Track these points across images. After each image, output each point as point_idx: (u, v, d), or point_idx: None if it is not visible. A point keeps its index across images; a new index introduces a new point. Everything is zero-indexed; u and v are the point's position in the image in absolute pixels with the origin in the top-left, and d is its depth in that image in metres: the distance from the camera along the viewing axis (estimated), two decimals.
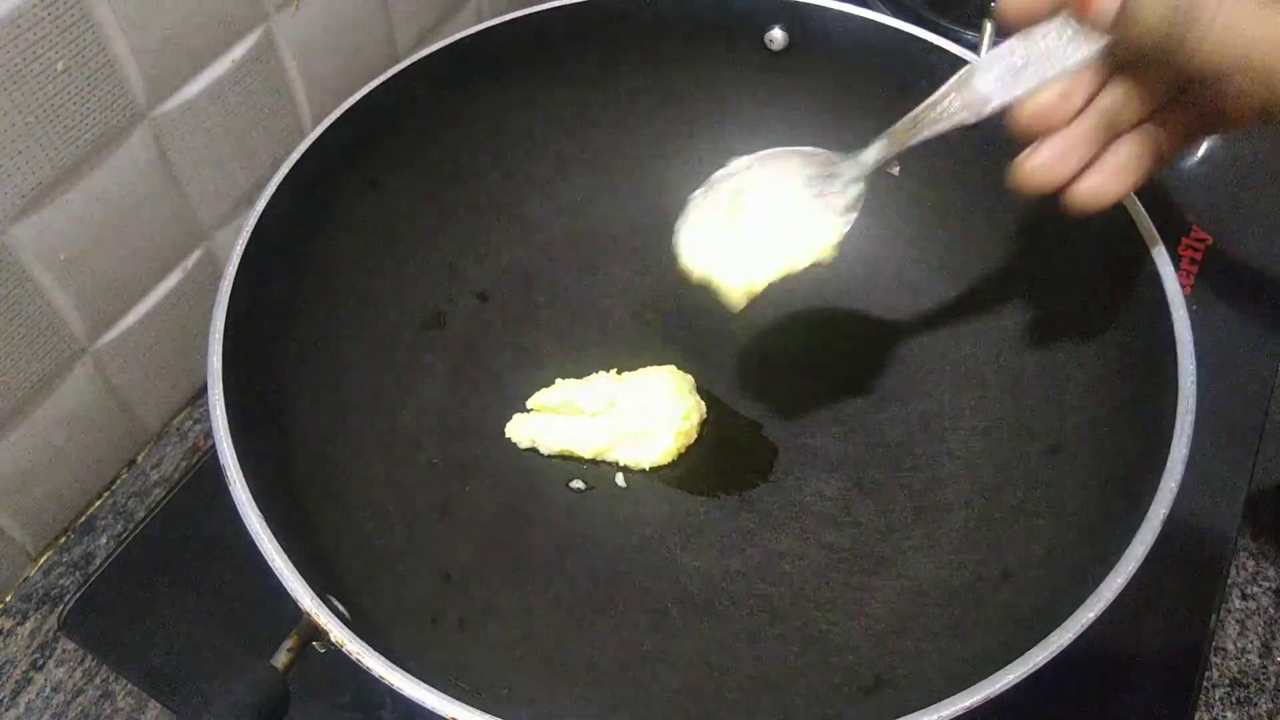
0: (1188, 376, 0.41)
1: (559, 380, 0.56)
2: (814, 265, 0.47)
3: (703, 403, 0.56)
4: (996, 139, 0.53)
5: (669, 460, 0.54)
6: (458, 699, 0.34)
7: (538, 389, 0.56)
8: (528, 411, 0.56)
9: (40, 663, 0.52)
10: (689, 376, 0.56)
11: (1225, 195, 0.71)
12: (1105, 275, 0.48)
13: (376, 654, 0.35)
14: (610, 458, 0.54)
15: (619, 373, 0.56)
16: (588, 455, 0.54)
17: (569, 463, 0.55)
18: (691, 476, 0.54)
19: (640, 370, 0.56)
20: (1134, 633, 0.51)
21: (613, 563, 0.51)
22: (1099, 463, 0.46)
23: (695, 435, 0.55)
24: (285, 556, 0.37)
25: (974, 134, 0.55)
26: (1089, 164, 0.39)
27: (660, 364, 0.56)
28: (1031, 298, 0.53)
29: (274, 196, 0.48)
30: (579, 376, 0.56)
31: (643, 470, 0.54)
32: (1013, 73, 0.40)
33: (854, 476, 0.54)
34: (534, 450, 0.55)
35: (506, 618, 0.48)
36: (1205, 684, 0.51)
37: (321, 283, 0.52)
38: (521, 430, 0.55)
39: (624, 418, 0.54)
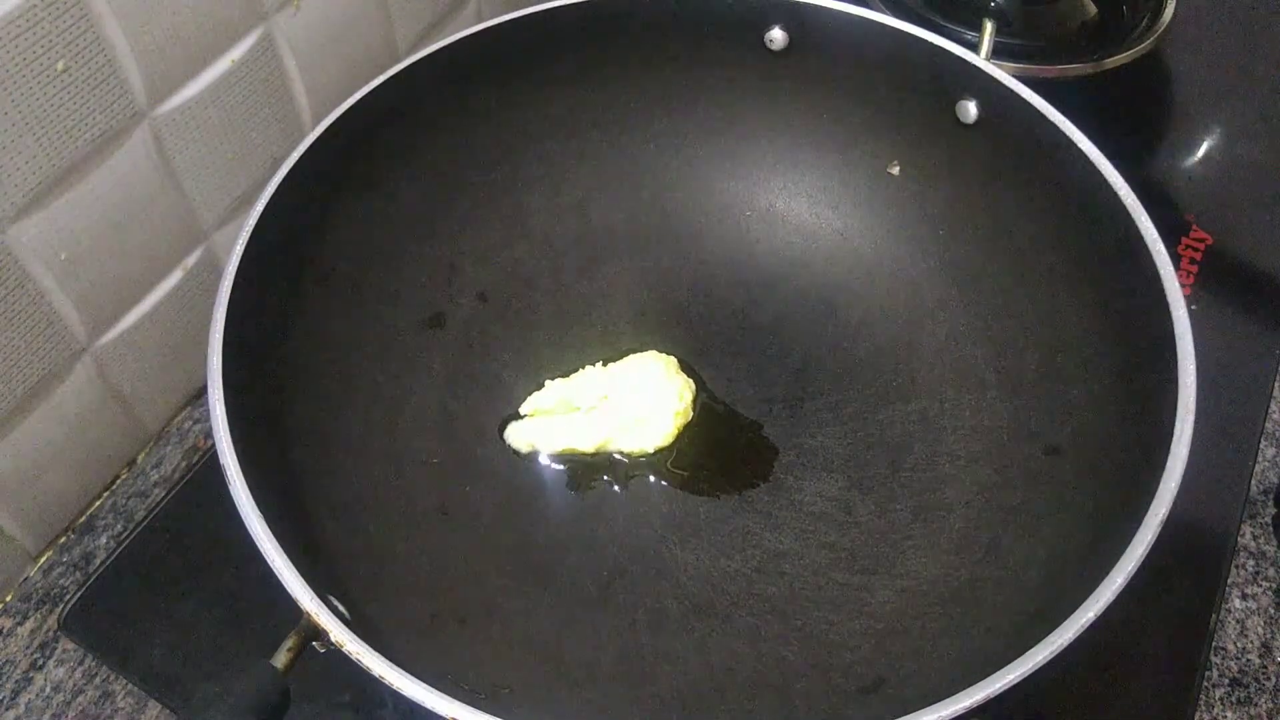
0: (1188, 376, 0.41)
1: (548, 382, 0.56)
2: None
3: (690, 380, 0.57)
4: (997, 139, 0.54)
5: (670, 441, 0.55)
6: (458, 699, 0.34)
7: (536, 390, 0.56)
8: (522, 418, 0.56)
9: (40, 662, 0.52)
10: (671, 357, 0.57)
11: (1225, 195, 0.72)
12: (1105, 275, 0.49)
13: (376, 654, 0.35)
14: (612, 448, 0.55)
15: (604, 364, 0.57)
16: (590, 450, 0.54)
17: (568, 463, 0.55)
18: (692, 476, 0.54)
19: (624, 359, 0.57)
20: (1134, 633, 0.51)
21: (613, 563, 0.51)
22: (1099, 463, 0.46)
23: (691, 413, 0.56)
24: (285, 556, 0.37)
25: (974, 134, 0.55)
26: None
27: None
28: (1031, 298, 0.53)
29: (274, 196, 0.48)
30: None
31: (646, 455, 0.55)
32: None
33: (854, 476, 0.54)
34: (536, 453, 0.55)
35: (506, 617, 0.48)
36: (1205, 684, 0.51)
37: (321, 283, 0.53)
38: (520, 436, 0.55)
39: (619, 408, 0.54)
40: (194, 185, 0.56)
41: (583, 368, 0.57)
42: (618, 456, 0.55)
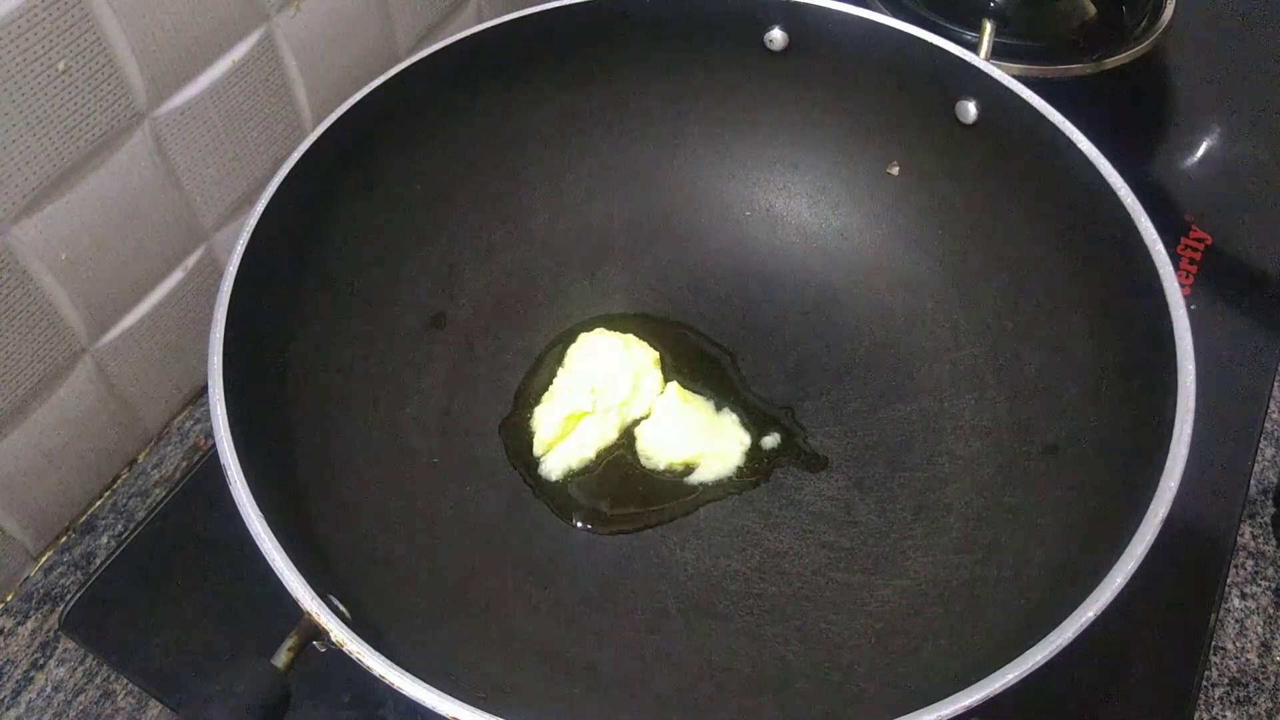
0: (1187, 376, 0.41)
1: (535, 412, 0.56)
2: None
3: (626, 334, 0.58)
4: (997, 139, 0.54)
5: (665, 384, 0.57)
6: (458, 698, 0.34)
7: (537, 389, 0.57)
8: (541, 458, 0.55)
9: (41, 662, 0.52)
10: (598, 327, 0.59)
11: (1225, 195, 0.72)
12: (1104, 275, 0.49)
13: (377, 653, 0.35)
14: (631, 419, 0.56)
15: (562, 362, 0.57)
16: (618, 435, 0.55)
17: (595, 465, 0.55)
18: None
19: (569, 351, 0.58)
20: (1133, 632, 0.51)
21: (613, 562, 0.51)
22: (1098, 462, 0.46)
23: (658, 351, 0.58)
24: (285, 556, 0.37)
25: (974, 134, 0.55)
26: None
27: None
28: (1031, 297, 0.54)
29: (274, 196, 0.48)
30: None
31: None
32: None
33: (854, 476, 0.54)
34: (572, 474, 0.54)
35: (506, 617, 0.48)
36: (1204, 683, 0.51)
37: (321, 282, 0.53)
38: (554, 467, 0.55)
39: (610, 391, 0.55)
40: (194, 185, 0.56)
41: (549, 386, 0.57)
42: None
